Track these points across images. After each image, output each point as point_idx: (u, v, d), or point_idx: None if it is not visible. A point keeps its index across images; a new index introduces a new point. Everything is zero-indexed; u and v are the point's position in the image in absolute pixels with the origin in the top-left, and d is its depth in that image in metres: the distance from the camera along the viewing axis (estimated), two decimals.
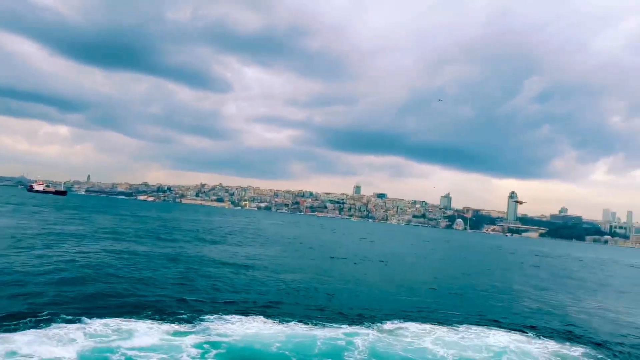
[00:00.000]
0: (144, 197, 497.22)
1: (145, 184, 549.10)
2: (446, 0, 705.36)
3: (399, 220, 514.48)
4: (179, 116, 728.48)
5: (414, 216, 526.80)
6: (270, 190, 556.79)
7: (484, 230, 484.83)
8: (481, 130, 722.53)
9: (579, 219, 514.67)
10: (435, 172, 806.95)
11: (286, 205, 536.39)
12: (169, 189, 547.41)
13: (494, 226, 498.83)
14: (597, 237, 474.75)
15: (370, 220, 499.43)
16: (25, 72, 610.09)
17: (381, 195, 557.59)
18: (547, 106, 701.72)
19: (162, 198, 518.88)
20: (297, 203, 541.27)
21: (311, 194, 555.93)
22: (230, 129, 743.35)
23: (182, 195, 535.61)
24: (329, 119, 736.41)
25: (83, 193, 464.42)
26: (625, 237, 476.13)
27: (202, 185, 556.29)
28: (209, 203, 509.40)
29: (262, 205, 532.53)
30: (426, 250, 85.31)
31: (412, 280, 38.84)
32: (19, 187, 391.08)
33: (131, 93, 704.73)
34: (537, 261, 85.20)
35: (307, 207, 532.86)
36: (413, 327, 21.18)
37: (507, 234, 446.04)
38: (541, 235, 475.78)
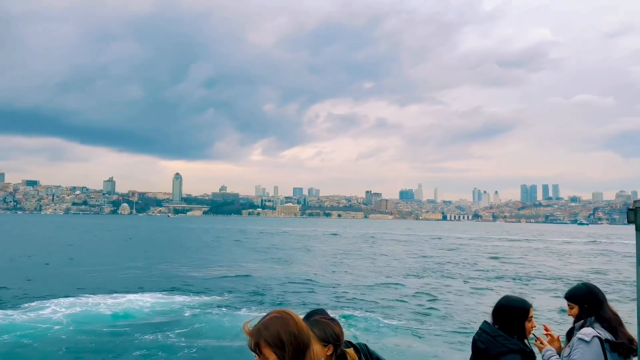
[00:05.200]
0: None
1: None
2: None
3: (55, 210, 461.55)
4: None
5: (74, 204, 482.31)
6: None
7: (151, 213, 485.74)
8: (149, 112, 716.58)
9: (237, 195, 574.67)
10: (99, 154, 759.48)
11: None
12: None
13: (160, 208, 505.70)
14: (251, 210, 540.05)
15: (20, 212, 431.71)
16: None
17: (32, 183, 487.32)
18: (212, 92, 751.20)
19: None
20: None
21: None
22: None
23: None
24: None
25: None
26: (273, 208, 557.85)
27: None
28: None
29: None
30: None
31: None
32: None
33: None
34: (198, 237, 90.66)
35: None
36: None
37: (170, 215, 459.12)
38: (205, 212, 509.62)
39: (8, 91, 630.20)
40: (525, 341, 3.85)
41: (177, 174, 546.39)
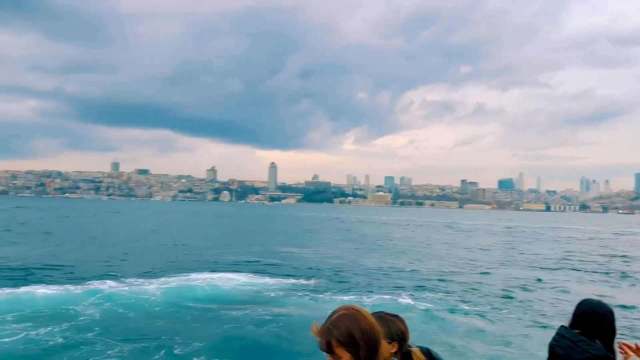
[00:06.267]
0: None
1: None
2: None
3: (164, 197, 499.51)
4: None
5: (180, 191, 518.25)
6: (6, 172, 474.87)
7: (248, 200, 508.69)
8: (247, 104, 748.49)
9: (328, 184, 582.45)
10: (203, 145, 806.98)
11: (28, 188, 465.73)
12: None
13: (257, 195, 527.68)
14: (343, 198, 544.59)
15: (133, 199, 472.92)
16: None
17: (143, 172, 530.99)
18: (306, 82, 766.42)
19: None
20: (42, 185, 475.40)
21: (60, 173, 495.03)
22: None
23: None
24: (85, 89, 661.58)
25: None
26: (364, 197, 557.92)
27: None
28: None
29: None
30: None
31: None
32: None
33: None
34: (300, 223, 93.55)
35: (55, 189, 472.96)
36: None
37: (266, 202, 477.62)
38: (298, 201, 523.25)
39: (126, 85, 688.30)
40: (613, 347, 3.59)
41: (273, 163, 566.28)
